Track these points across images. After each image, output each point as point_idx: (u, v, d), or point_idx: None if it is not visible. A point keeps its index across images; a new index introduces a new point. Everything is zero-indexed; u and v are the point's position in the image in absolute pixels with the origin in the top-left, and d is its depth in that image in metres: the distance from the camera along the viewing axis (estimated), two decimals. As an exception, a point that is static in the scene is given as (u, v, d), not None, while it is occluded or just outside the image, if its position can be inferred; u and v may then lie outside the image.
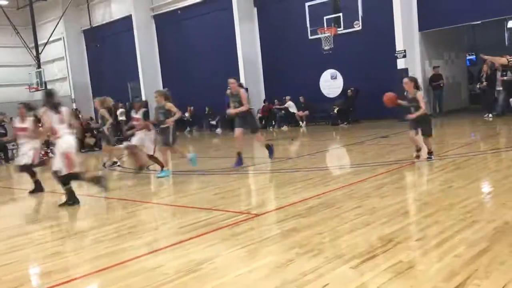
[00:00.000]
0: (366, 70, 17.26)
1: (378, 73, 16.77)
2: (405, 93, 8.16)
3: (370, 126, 15.91)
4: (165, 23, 23.97)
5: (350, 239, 4.25)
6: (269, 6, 20.25)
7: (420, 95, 7.98)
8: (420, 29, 16.49)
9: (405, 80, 8.16)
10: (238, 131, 9.48)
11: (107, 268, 4.06)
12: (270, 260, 3.93)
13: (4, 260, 4.66)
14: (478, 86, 15.74)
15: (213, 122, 21.72)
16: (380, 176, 7.10)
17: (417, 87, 8.02)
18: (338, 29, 17.24)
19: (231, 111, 9.49)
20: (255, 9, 20.65)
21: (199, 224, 5.28)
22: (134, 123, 9.59)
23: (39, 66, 27.04)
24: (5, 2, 27.68)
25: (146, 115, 9.60)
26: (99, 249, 4.72)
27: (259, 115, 20.40)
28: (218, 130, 21.01)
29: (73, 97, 27.70)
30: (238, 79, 9.47)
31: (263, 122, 20.10)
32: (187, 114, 22.74)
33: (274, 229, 4.88)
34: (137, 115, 9.58)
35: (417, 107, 7.87)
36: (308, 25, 17.80)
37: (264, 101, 20.38)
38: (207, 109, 22.06)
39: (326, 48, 17.45)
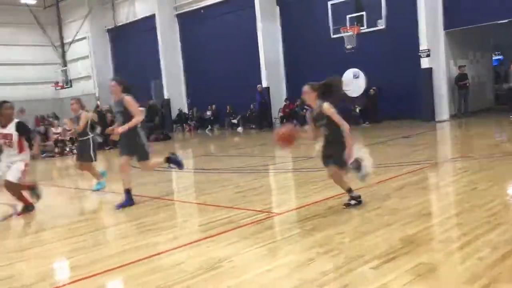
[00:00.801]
0: (389, 70, 17.07)
1: (402, 73, 16.58)
2: (304, 110, 5.78)
3: (392, 126, 15.73)
4: (188, 22, 24.12)
5: (371, 239, 4.21)
6: (292, 5, 20.19)
7: (329, 108, 5.23)
8: (445, 28, 16.23)
9: (305, 88, 5.37)
10: (124, 159, 6.67)
11: (128, 264, 4.11)
12: (290, 259, 3.92)
13: (28, 254, 4.77)
14: (504, 86, 15.41)
15: (234, 121, 21.79)
16: (402, 177, 7.01)
17: (323, 96, 5.33)
18: (361, 28, 17.07)
19: (116, 130, 6.54)
20: (278, 8, 20.63)
21: (219, 222, 5.30)
22: (2, 141, 6.34)
23: (64, 65, 27.53)
24: (33, 2, 28.26)
25: (22, 130, 6.39)
26: (121, 245, 4.79)
27: (280, 114, 20.37)
28: (239, 129, 21.05)
29: (97, 95, 28.10)
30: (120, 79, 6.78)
31: (284, 121, 20.06)
32: (208, 113, 22.88)
33: (294, 228, 4.87)
34: (5, 129, 6.29)
35: (330, 125, 5.29)
36: (330, 24, 17.66)
37: (286, 100, 20.33)
38: (228, 107, 22.14)
39: (348, 47, 17.28)
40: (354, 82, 18.15)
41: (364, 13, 16.85)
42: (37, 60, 29.59)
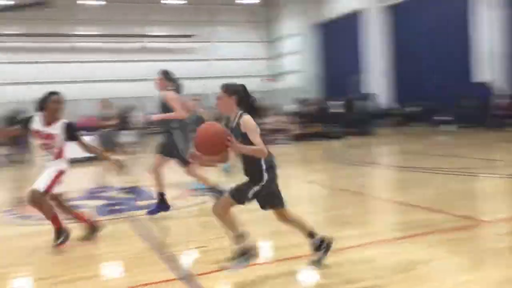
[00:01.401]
0: None
1: None
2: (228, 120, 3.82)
3: None
4: (396, 14, 23.42)
5: None
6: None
7: (250, 121, 3.59)
8: None
9: (219, 93, 3.76)
10: (157, 158, 5.99)
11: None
12: (496, 273, 3.55)
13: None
14: None
15: (443, 118, 20.27)
16: None
17: (240, 102, 3.71)
18: None
19: (154, 117, 5.99)
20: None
21: (417, 223, 5.06)
22: (41, 141, 4.95)
23: (274, 59, 29.48)
24: (251, 1, 30.92)
25: (69, 132, 4.96)
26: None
27: (498, 111, 18.14)
28: (449, 127, 19.50)
29: (304, 89, 29.35)
30: (167, 73, 6.02)
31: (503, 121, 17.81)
32: (413, 109, 21.86)
33: (503, 240, 4.37)
34: (49, 128, 4.89)
35: (247, 144, 3.59)
36: None
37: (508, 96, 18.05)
38: (435, 104, 20.77)
39: None
40: None
41: None
42: (249, 55, 32.34)
